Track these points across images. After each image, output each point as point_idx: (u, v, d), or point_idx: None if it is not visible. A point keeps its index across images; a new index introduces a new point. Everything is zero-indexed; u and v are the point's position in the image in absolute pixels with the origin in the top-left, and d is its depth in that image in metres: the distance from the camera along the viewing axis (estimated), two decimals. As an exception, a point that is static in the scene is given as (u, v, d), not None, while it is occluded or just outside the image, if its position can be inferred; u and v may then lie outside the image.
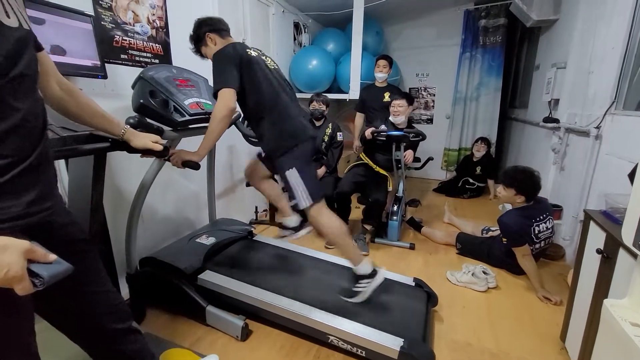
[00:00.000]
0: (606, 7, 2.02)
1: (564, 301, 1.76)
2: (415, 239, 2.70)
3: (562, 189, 2.48)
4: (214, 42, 1.52)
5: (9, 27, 0.60)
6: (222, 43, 1.51)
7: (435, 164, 4.24)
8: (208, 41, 1.52)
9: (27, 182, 0.64)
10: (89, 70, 1.46)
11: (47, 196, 0.70)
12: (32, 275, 0.56)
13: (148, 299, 1.74)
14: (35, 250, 0.58)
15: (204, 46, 1.54)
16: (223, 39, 1.53)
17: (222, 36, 1.53)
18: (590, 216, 1.33)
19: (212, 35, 1.51)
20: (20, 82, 0.62)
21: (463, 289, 2.01)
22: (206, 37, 1.51)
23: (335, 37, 3.78)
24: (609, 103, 1.91)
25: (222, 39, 1.53)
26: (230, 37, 1.57)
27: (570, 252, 2.29)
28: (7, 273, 0.53)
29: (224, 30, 1.55)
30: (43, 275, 0.57)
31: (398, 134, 2.38)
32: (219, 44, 1.51)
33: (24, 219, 0.63)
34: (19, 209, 0.62)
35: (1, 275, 0.52)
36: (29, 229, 0.63)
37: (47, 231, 0.71)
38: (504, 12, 3.75)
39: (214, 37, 1.51)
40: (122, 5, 1.67)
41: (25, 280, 0.55)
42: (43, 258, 0.59)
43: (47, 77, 0.82)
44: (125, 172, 1.77)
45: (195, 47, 1.58)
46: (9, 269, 0.53)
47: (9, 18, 0.60)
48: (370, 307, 1.58)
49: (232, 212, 2.71)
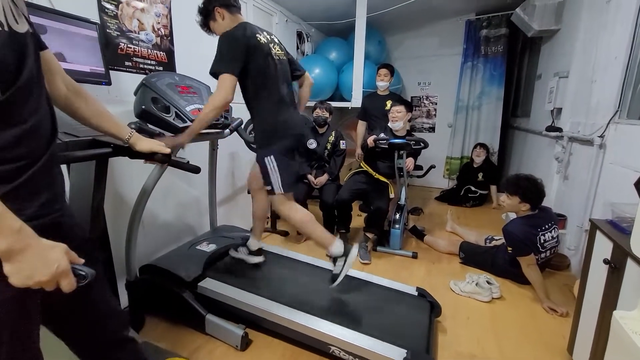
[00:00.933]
0: (608, 17, 2.03)
1: (571, 312, 1.72)
2: (417, 247, 2.67)
3: (566, 198, 2.46)
4: (222, 16, 1.50)
5: (18, 33, 0.61)
6: (230, 19, 1.50)
7: (438, 172, 4.23)
8: (216, 15, 1.50)
9: (40, 183, 0.65)
10: (93, 77, 1.47)
11: (58, 198, 0.72)
12: (74, 273, 0.61)
13: (147, 307, 1.72)
14: (71, 252, 0.62)
15: (212, 20, 1.52)
16: (232, 15, 1.51)
17: (232, 12, 1.51)
18: (596, 226, 1.31)
19: (221, 10, 1.49)
20: (30, 85, 0.63)
21: (467, 299, 1.98)
22: (215, 12, 1.49)
23: (338, 46, 3.82)
24: (612, 112, 1.90)
25: (231, 15, 1.51)
26: (239, 14, 1.54)
27: (575, 262, 2.25)
28: (57, 268, 0.57)
29: (234, 6, 1.52)
30: (84, 272, 0.62)
31: (400, 142, 2.38)
32: (227, 20, 1.50)
33: (38, 220, 0.63)
34: (33, 210, 0.63)
35: (53, 269, 0.56)
36: (41, 230, 0.63)
37: (57, 232, 0.71)
38: (505, 22, 3.78)
39: (222, 12, 1.49)
40: (128, 13, 1.69)
41: (71, 275, 0.60)
42: (77, 260, 0.63)
43: (53, 76, 0.82)
44: (127, 178, 1.77)
45: (203, 21, 1.55)
46: (59, 264, 0.57)
47: (17, 24, 0.61)
48: (373, 317, 1.55)
49: (233, 218, 2.70)
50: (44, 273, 0.55)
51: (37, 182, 0.64)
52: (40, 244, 0.56)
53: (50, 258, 0.56)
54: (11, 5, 0.60)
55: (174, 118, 1.47)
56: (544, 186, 2.05)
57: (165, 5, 1.90)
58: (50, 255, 0.57)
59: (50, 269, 0.56)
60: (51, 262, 0.56)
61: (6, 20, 0.58)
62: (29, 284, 0.55)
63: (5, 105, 0.57)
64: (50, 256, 0.57)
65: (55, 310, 0.79)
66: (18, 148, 0.60)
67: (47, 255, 0.56)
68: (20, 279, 0.54)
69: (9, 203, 0.56)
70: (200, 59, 2.21)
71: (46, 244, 0.57)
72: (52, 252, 0.57)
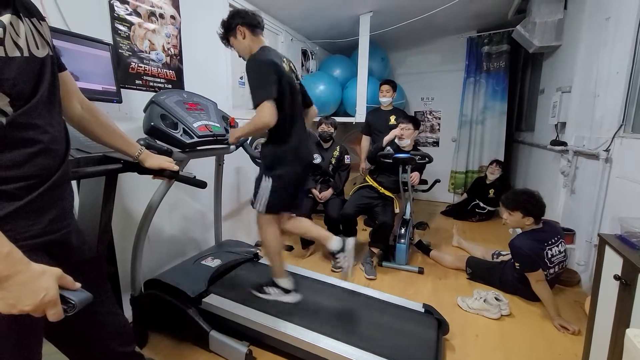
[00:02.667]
0: (608, 35, 2.06)
1: (582, 330, 1.68)
2: (424, 262, 2.64)
3: (574, 213, 2.43)
4: (243, 35, 1.52)
5: (37, 57, 0.64)
6: (251, 39, 1.53)
7: (443, 186, 4.21)
8: (238, 33, 1.52)
9: (50, 200, 0.66)
10: (105, 95, 1.51)
11: (66, 215, 0.72)
12: (63, 302, 0.58)
13: (151, 323, 1.71)
14: (65, 277, 0.59)
15: (233, 37, 1.55)
16: (254, 35, 1.54)
17: (254, 33, 1.53)
18: (605, 241, 1.29)
19: (243, 29, 1.51)
20: (44, 105, 0.65)
21: (475, 316, 1.94)
22: (237, 29, 1.52)
23: (342, 63, 3.90)
24: (617, 126, 1.90)
25: (253, 36, 1.53)
26: (261, 35, 1.57)
27: (586, 278, 2.20)
28: (44, 297, 0.54)
29: (257, 27, 1.54)
30: (74, 301, 0.58)
31: (404, 157, 2.39)
32: (248, 39, 1.52)
33: (45, 237, 0.64)
34: (41, 226, 0.64)
35: (38, 299, 0.53)
36: (48, 246, 0.64)
37: (65, 249, 0.72)
38: (506, 39, 3.84)
39: (244, 31, 1.51)
40: (140, 34, 1.76)
41: (59, 305, 0.57)
42: (72, 285, 0.60)
43: (70, 96, 0.85)
44: (134, 193, 1.79)
45: (224, 35, 1.58)
46: (46, 293, 0.54)
47: (37, 49, 0.64)
48: (380, 334, 1.52)
49: (238, 233, 2.70)
50: (28, 303, 0.53)
51: (47, 199, 0.65)
52: (29, 270, 0.54)
53: (38, 286, 0.54)
54: (34, 32, 0.63)
55: (181, 134, 1.50)
56: (541, 197, 2.04)
57: (176, 26, 1.97)
58: (38, 283, 0.54)
59: (35, 298, 0.53)
60: (38, 291, 0.53)
61: (27, 46, 0.61)
62: (13, 312, 0.53)
63: (17, 125, 0.59)
64: (39, 284, 0.54)
65: (60, 329, 0.78)
66: (30, 166, 0.61)
67: (35, 283, 0.54)
68: (3, 306, 0.52)
69: (19, 220, 0.57)
70: (208, 76, 2.29)
71: (36, 270, 0.55)
72: (41, 279, 0.54)
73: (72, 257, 0.74)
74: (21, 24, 0.61)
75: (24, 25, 0.61)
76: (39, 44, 0.64)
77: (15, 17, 0.60)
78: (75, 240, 0.77)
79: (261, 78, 1.39)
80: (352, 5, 3.02)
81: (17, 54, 0.59)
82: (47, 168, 0.65)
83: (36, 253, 0.61)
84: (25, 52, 0.61)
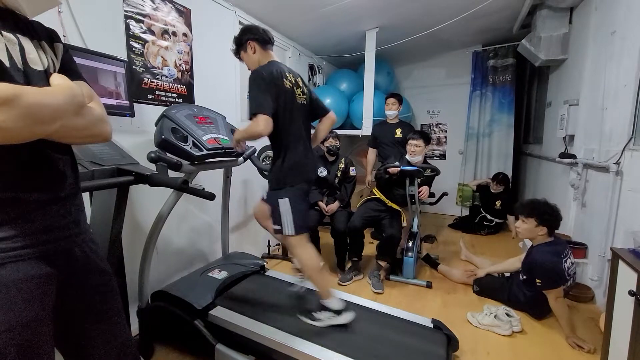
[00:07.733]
0: (614, 48, 2.07)
1: (598, 349, 1.62)
2: (432, 276, 2.60)
3: (586, 226, 2.38)
4: (253, 49, 1.58)
5: (35, 70, 0.66)
6: (261, 54, 1.58)
7: (450, 199, 4.18)
8: (248, 48, 1.59)
9: (56, 212, 0.68)
10: (119, 110, 1.57)
11: (73, 225, 0.73)
12: None
13: (158, 335, 1.70)
14: None
15: (244, 51, 1.61)
16: (264, 50, 1.59)
17: (264, 48, 1.59)
18: (618, 255, 1.26)
19: (253, 44, 1.57)
20: None
21: (485, 333, 1.89)
22: (247, 44, 1.58)
23: (348, 78, 3.95)
24: (626, 139, 1.88)
25: (263, 50, 1.59)
26: (271, 50, 1.63)
27: (600, 294, 2.14)
28: None
29: (267, 42, 1.60)
30: None
31: (412, 169, 2.39)
32: (258, 54, 1.58)
33: (47, 245, 0.66)
34: (46, 236, 0.65)
35: None
36: (51, 256, 0.65)
37: (71, 259, 0.73)
38: (512, 53, 3.87)
39: (254, 46, 1.57)
40: (153, 51, 1.82)
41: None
42: None
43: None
44: (144, 205, 1.82)
45: (236, 50, 1.65)
46: None
47: (34, 63, 0.66)
48: (387, 350, 1.49)
49: (244, 245, 2.70)
50: None
51: (53, 210, 0.67)
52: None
53: None
54: (36, 46, 0.66)
55: (191, 147, 1.53)
56: (559, 210, 1.98)
57: (187, 43, 2.04)
58: None
59: None
60: None
61: (22, 60, 0.63)
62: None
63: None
64: None
65: (72, 333, 0.79)
66: (39, 179, 0.63)
67: None
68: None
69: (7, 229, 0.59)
70: (217, 91, 2.34)
71: None
72: None
73: (81, 268, 0.75)
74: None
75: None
76: (41, 57, 0.68)
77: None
78: (84, 251, 0.76)
79: (259, 92, 1.44)
80: (359, 22, 3.09)
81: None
82: (54, 182, 0.68)
83: (37, 261, 0.62)
84: (20, 66, 0.63)
